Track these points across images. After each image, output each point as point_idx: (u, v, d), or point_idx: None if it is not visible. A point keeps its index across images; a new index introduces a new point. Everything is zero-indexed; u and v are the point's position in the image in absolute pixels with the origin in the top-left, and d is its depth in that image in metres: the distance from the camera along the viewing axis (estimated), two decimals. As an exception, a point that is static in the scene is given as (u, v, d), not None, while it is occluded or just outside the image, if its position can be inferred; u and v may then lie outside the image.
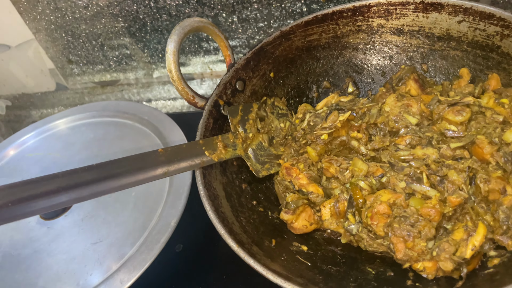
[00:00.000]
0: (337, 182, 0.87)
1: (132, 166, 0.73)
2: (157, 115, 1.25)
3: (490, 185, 0.73)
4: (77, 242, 1.03)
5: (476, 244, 0.69)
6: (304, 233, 0.86)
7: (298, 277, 0.69)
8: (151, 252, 0.94)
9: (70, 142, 1.30)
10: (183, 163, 0.79)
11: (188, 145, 0.82)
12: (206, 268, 1.05)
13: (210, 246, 1.10)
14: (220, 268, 1.04)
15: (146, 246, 0.95)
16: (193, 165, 0.81)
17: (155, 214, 1.02)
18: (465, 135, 0.81)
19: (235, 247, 0.70)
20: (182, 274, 1.05)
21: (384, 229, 0.74)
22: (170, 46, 0.87)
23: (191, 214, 1.03)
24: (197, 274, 1.05)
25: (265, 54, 1.01)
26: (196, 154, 0.82)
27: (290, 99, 1.08)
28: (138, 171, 0.73)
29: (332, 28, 1.03)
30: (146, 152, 0.76)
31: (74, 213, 1.10)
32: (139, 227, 1.01)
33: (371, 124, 0.91)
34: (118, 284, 0.91)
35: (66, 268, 0.98)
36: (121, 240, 1.01)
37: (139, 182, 0.73)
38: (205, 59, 1.65)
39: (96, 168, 0.68)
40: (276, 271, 0.67)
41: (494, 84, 0.89)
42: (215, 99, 0.93)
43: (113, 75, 1.81)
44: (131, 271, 0.93)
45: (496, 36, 0.88)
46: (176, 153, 0.79)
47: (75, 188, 0.66)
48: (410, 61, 1.03)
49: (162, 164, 0.76)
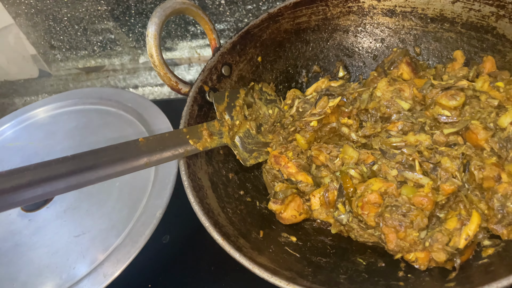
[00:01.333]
0: (327, 171, 0.84)
1: (110, 157, 0.69)
2: (141, 102, 1.21)
3: (485, 172, 0.70)
4: (59, 235, 0.99)
5: (470, 233, 0.67)
6: (293, 224, 0.84)
7: (286, 270, 0.66)
8: (136, 244, 0.91)
9: (51, 131, 1.25)
10: (166, 152, 0.75)
11: (171, 133, 0.78)
12: (194, 259, 1.03)
13: (198, 236, 1.07)
14: (208, 259, 1.02)
15: (130, 238, 0.92)
16: (176, 155, 0.77)
17: (140, 205, 0.99)
18: (459, 121, 0.78)
19: (220, 241, 0.67)
20: (169, 266, 1.03)
21: (375, 219, 0.71)
22: (150, 29, 0.82)
23: (178, 204, 1.00)
24: (184, 265, 1.02)
25: (252, 37, 0.97)
26: (180, 143, 0.78)
27: (279, 84, 1.04)
28: (117, 162, 0.69)
29: (322, 9, 0.99)
30: (125, 142, 0.72)
31: (56, 204, 1.06)
32: (123, 219, 0.98)
33: (362, 110, 0.87)
34: (102, 277, 0.88)
35: (48, 262, 0.94)
36: (105, 232, 0.98)
37: (118, 174, 0.69)
38: (193, 44, 1.60)
39: (72, 159, 0.64)
40: (263, 264, 0.64)
41: (489, 67, 0.86)
42: (200, 85, 0.89)
43: (97, 60, 1.76)
44: (115, 263, 0.90)
45: (491, 17, 0.85)
46: (158, 142, 0.75)
47: (49, 181, 0.62)
48: (402, 43, 0.99)
49: (143, 154, 0.72)
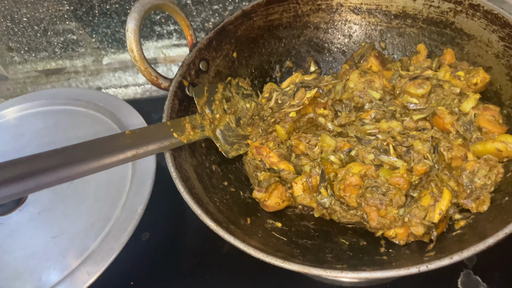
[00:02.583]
0: (307, 159, 0.88)
1: (98, 149, 0.69)
2: (112, 101, 1.20)
3: (453, 153, 0.77)
4: (35, 237, 0.96)
5: (443, 208, 0.73)
6: (277, 211, 0.87)
7: (277, 251, 0.69)
8: (119, 241, 0.90)
9: (18, 133, 1.21)
10: (152, 145, 0.76)
11: (155, 126, 0.78)
12: (175, 255, 1.03)
13: (178, 232, 1.08)
14: (190, 255, 1.02)
15: (112, 236, 0.92)
16: (162, 147, 0.78)
17: (119, 202, 0.98)
18: (426, 107, 0.85)
19: (213, 226, 0.68)
20: (150, 263, 1.02)
21: (357, 200, 0.76)
22: (130, 24, 0.82)
23: (156, 201, 1.00)
24: (166, 262, 1.02)
25: (227, 33, 0.99)
26: (165, 136, 0.79)
27: (254, 79, 1.07)
28: (105, 155, 0.69)
29: (293, 7, 1.04)
30: (113, 135, 0.72)
31: (29, 206, 1.03)
32: (102, 217, 0.97)
33: (337, 101, 0.92)
34: (85, 277, 0.87)
35: (25, 265, 0.92)
36: (83, 232, 0.96)
37: (107, 166, 0.69)
38: (158, 44, 1.60)
39: (62, 152, 0.64)
40: (256, 246, 0.66)
41: (449, 59, 0.93)
42: (180, 79, 0.90)
43: (58, 62, 1.71)
44: (97, 262, 0.89)
45: (449, 13, 0.92)
46: (144, 135, 0.75)
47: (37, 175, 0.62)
48: (369, 39, 1.05)
49: (130, 147, 0.72)
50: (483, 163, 0.74)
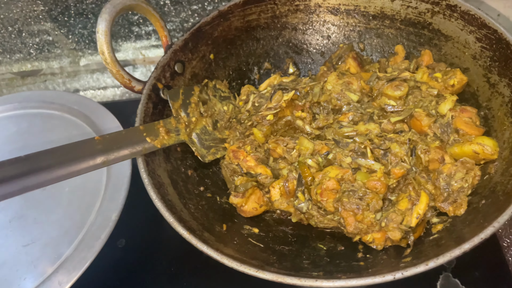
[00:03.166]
0: (285, 162, 0.87)
1: (66, 156, 0.66)
2: (87, 104, 1.17)
3: (430, 155, 0.76)
4: (5, 246, 0.93)
5: (420, 212, 0.72)
6: (254, 216, 0.85)
7: (252, 259, 0.67)
8: (92, 249, 0.87)
9: (-11, 137, 1.17)
10: (124, 150, 0.74)
11: (127, 131, 0.76)
12: (151, 262, 1.01)
13: (155, 239, 1.05)
14: (167, 261, 1.00)
15: (85, 244, 0.89)
16: (134, 153, 0.75)
17: (93, 209, 0.95)
18: (404, 109, 0.84)
19: (186, 235, 0.66)
20: (126, 270, 1.00)
21: (334, 204, 0.74)
22: (101, 25, 0.80)
23: (132, 206, 0.98)
24: (142, 269, 1.00)
25: (204, 35, 0.97)
26: (137, 141, 0.76)
27: (232, 81, 1.05)
28: (73, 162, 0.67)
29: (271, 7, 1.02)
30: (81, 141, 0.69)
31: (-1, 214, 0.99)
32: (76, 225, 0.94)
33: (315, 103, 0.91)
34: (56, 286, 0.84)
35: (-6, 275, 0.88)
36: (56, 239, 0.93)
37: (75, 173, 0.67)
38: (137, 45, 1.56)
39: (26, 160, 0.61)
40: (230, 255, 0.64)
41: (427, 60, 0.93)
42: (154, 82, 0.87)
43: (34, 64, 1.66)
44: (70, 271, 0.86)
45: (427, 13, 0.92)
46: (115, 140, 0.73)
47: (2, 183, 0.59)
48: (347, 40, 1.04)
49: (100, 153, 0.70)
50: (460, 166, 0.73)
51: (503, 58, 0.79)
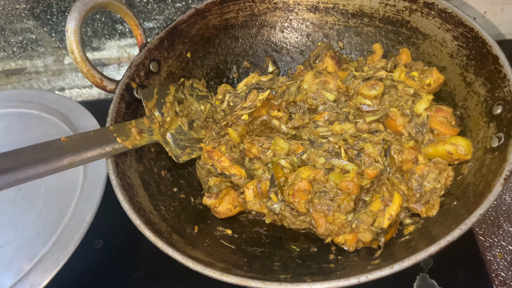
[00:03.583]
0: (260, 163, 0.85)
1: (29, 158, 0.65)
2: (66, 103, 1.15)
3: (403, 156, 0.75)
4: (-23, 248, 0.92)
5: (393, 213, 0.71)
6: (229, 217, 0.84)
7: (221, 262, 0.66)
8: (65, 251, 0.86)
9: (-34, 138, 1.15)
10: (91, 151, 0.72)
11: (96, 132, 0.75)
12: (129, 263, 1.00)
13: (133, 239, 1.03)
14: (145, 262, 0.99)
15: (58, 245, 0.88)
16: (103, 154, 0.74)
17: (68, 210, 0.94)
18: (379, 109, 0.83)
19: (152, 238, 0.65)
20: (103, 272, 0.99)
21: (305, 205, 0.73)
22: (70, 24, 0.78)
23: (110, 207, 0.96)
24: (120, 270, 0.99)
25: (180, 33, 0.96)
26: (107, 142, 0.75)
27: (210, 80, 1.04)
28: (36, 163, 0.65)
29: (249, 5, 1.01)
30: (46, 142, 0.68)
31: (-28, 216, 0.98)
32: (50, 225, 0.93)
33: (291, 102, 0.90)
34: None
35: (-35, 277, 0.87)
36: (30, 241, 0.92)
37: (38, 175, 0.65)
38: (121, 43, 1.55)
39: (-16, 162, 0.60)
40: (196, 258, 0.63)
41: (405, 58, 0.92)
42: (127, 81, 0.86)
43: (18, 62, 1.65)
44: (42, 273, 0.85)
45: (405, 11, 0.91)
46: (82, 141, 0.72)
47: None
48: (326, 38, 1.03)
49: (66, 154, 0.69)
50: (433, 166, 0.72)
51: (479, 56, 0.78)
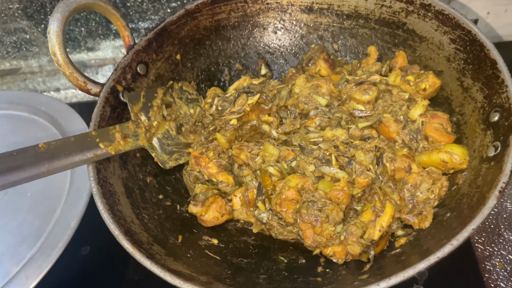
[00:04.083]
0: (249, 169, 0.83)
1: (4, 165, 0.63)
2: (55, 105, 1.13)
3: (396, 164, 0.72)
4: (-39, 254, 0.90)
5: (384, 224, 0.68)
6: (216, 225, 0.81)
7: (203, 274, 0.64)
8: (48, 258, 0.84)
9: (-46, 140, 1.13)
10: (71, 158, 0.70)
11: (77, 137, 0.72)
12: (117, 270, 0.97)
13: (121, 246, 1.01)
14: (133, 270, 0.96)
15: (42, 252, 0.85)
16: (84, 160, 0.72)
17: (53, 215, 0.92)
18: (373, 114, 0.80)
19: (130, 249, 0.63)
20: (89, 278, 0.96)
21: (293, 215, 0.70)
22: (52, 25, 0.76)
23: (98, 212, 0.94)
24: (107, 278, 0.96)
25: (170, 34, 0.93)
26: (88, 147, 0.73)
27: (201, 83, 1.01)
28: (12, 171, 0.63)
29: (241, 6, 0.98)
30: (23, 148, 0.66)
31: (-44, 220, 0.96)
32: (35, 231, 0.91)
33: (282, 107, 0.87)
34: (10, 297, 0.80)
35: None
36: (13, 247, 0.90)
37: (13, 183, 0.63)
38: (116, 43, 1.52)
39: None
40: (176, 271, 0.61)
41: (401, 62, 0.88)
42: (112, 84, 0.83)
43: (12, 62, 1.63)
44: (24, 280, 0.82)
45: (401, 13, 0.87)
46: (61, 147, 0.69)
47: None
48: (321, 40, 1.00)
49: (44, 161, 0.66)
50: (426, 176, 0.69)
51: (476, 61, 0.75)
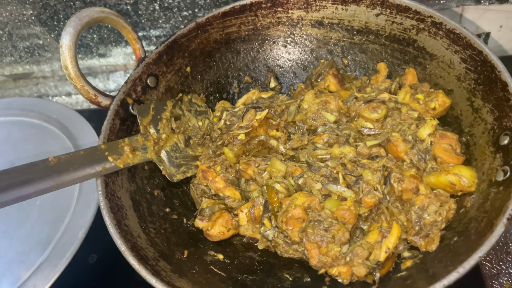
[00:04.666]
0: (256, 184, 0.83)
1: (15, 179, 0.63)
2: (67, 113, 1.14)
3: (404, 185, 0.71)
4: (-30, 261, 0.91)
5: (390, 246, 0.68)
6: (222, 240, 0.81)
7: (207, 292, 0.64)
8: (55, 269, 0.85)
9: (-33, 146, 1.15)
10: (81, 172, 0.71)
11: (86, 151, 0.73)
12: (123, 279, 0.98)
13: (128, 254, 1.02)
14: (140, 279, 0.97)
15: (49, 262, 0.87)
16: (93, 174, 0.72)
17: (62, 224, 0.93)
18: (381, 133, 0.79)
19: (136, 266, 0.63)
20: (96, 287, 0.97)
21: (299, 234, 0.70)
22: (65, 39, 0.77)
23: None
24: (114, 287, 0.97)
25: (180, 47, 0.94)
26: (97, 161, 0.73)
27: (210, 95, 1.02)
28: (22, 185, 0.64)
29: (252, 20, 0.98)
30: (33, 162, 0.67)
31: (-32, 227, 0.97)
32: (43, 240, 0.92)
33: (290, 122, 0.87)
34: (18, 305, 0.82)
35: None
36: (22, 255, 0.91)
37: (25, 197, 0.64)
38: (127, 50, 1.54)
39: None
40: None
41: (410, 79, 0.88)
42: (122, 97, 0.84)
43: (25, 67, 1.65)
44: (32, 290, 0.83)
45: (412, 30, 0.87)
46: (71, 161, 0.70)
47: None
48: (330, 55, 1.00)
49: (53, 175, 0.67)
50: (434, 198, 0.69)
51: (487, 81, 0.74)
